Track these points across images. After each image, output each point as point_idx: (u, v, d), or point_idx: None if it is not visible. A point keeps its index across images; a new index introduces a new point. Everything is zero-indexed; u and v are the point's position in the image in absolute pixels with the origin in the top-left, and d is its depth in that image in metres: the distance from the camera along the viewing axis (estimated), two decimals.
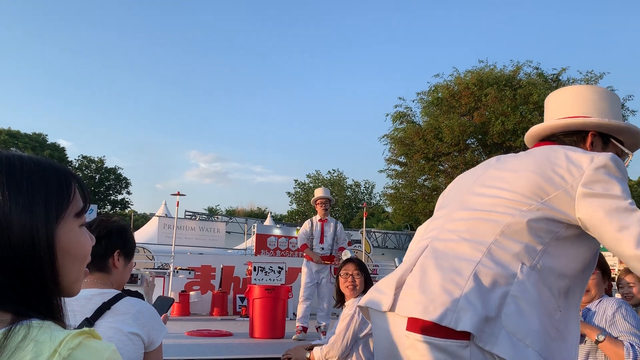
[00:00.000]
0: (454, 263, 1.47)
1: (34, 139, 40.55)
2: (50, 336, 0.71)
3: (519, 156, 1.68)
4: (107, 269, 1.96)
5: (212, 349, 6.05)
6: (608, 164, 1.50)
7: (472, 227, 1.53)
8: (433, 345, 1.37)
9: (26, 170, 0.82)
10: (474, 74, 23.97)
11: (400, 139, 25.05)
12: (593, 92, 1.81)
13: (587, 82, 23.08)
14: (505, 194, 1.55)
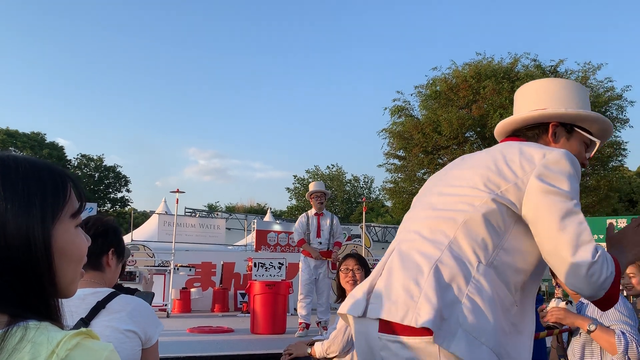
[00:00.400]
0: (416, 263, 1.50)
1: (33, 138, 40.49)
2: (48, 337, 0.71)
3: (480, 153, 1.72)
4: (101, 267, 1.96)
5: (214, 345, 6.07)
6: (560, 160, 1.52)
7: (433, 227, 1.56)
8: (403, 344, 1.41)
9: (21, 171, 0.82)
10: (472, 66, 23.93)
11: (399, 132, 25.03)
12: (554, 84, 1.83)
13: (585, 73, 23.06)
14: (461, 191, 1.58)
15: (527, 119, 1.77)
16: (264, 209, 45.29)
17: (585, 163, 1.80)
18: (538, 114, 1.75)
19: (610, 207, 25.06)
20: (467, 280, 1.44)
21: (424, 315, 1.37)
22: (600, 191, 23.22)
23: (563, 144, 1.76)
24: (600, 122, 1.79)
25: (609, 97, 22.82)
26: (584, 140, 1.78)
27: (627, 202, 32.86)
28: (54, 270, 0.81)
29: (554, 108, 1.75)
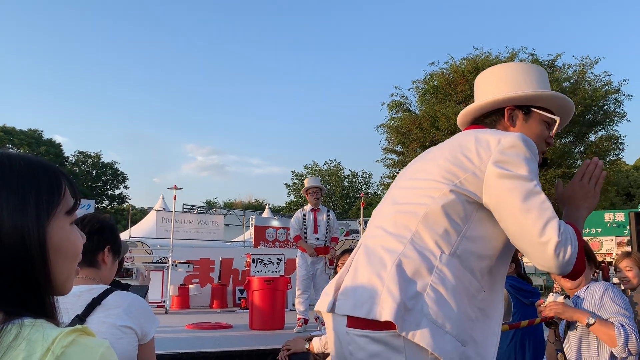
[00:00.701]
0: (380, 257, 1.53)
1: (30, 135, 40.39)
2: (43, 334, 0.71)
3: (440, 145, 1.74)
4: (96, 264, 1.96)
5: (212, 341, 6.07)
6: (516, 144, 1.53)
7: (396, 221, 1.59)
8: (369, 338, 1.44)
9: (16, 169, 0.81)
10: (470, 61, 23.91)
11: (397, 128, 25.02)
12: (509, 68, 1.83)
13: (582, 67, 23.06)
14: (421, 184, 1.60)
15: (482, 107, 1.79)
16: (262, 205, 45.30)
17: (549, 142, 1.82)
18: (491, 101, 1.76)
19: (607, 200, 25.13)
20: (431, 271, 1.47)
21: (387, 308, 1.40)
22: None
23: (521, 126, 1.77)
24: (557, 99, 1.79)
25: (607, 91, 22.82)
26: (544, 119, 1.79)
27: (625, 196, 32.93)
28: (49, 268, 0.81)
29: (506, 92, 1.76)
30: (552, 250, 1.44)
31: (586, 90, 22.64)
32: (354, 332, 1.48)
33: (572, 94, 22.65)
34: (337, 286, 1.61)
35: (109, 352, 0.75)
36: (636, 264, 4.02)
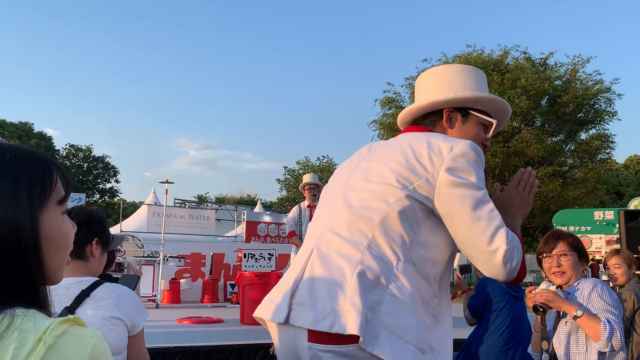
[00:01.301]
0: (338, 266, 1.48)
1: (20, 128, 40.07)
2: (35, 324, 0.71)
3: (387, 145, 1.71)
4: (84, 256, 1.96)
5: (203, 335, 6.07)
6: (467, 152, 1.55)
7: (351, 226, 1.54)
8: (335, 353, 1.39)
9: (7, 158, 0.81)
10: (462, 58, 23.95)
11: (389, 124, 25.04)
12: (449, 70, 1.85)
13: (574, 65, 23.16)
14: (375, 187, 1.58)
15: (422, 107, 1.79)
16: (254, 200, 45.20)
17: (486, 144, 1.83)
18: (430, 102, 1.77)
19: (597, 199, 25.29)
20: (388, 280, 1.45)
21: (350, 321, 1.35)
22: (588, 183, 23.39)
23: (459, 128, 1.78)
24: (494, 102, 1.81)
25: (598, 89, 22.93)
26: (481, 122, 1.80)
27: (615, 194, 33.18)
28: (42, 257, 0.81)
29: (445, 94, 1.77)
30: (500, 258, 1.47)
31: (577, 89, 22.75)
32: (318, 347, 1.42)
33: (563, 93, 22.76)
34: (291, 293, 1.51)
35: (101, 343, 0.75)
36: (625, 261, 4.06)
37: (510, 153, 22.26)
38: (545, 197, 22.42)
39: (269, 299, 1.60)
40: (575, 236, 2.82)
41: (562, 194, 22.34)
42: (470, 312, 3.81)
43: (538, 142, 21.84)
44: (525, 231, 32.75)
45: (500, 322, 3.56)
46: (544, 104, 23.77)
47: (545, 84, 22.26)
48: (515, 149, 22.02)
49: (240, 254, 8.43)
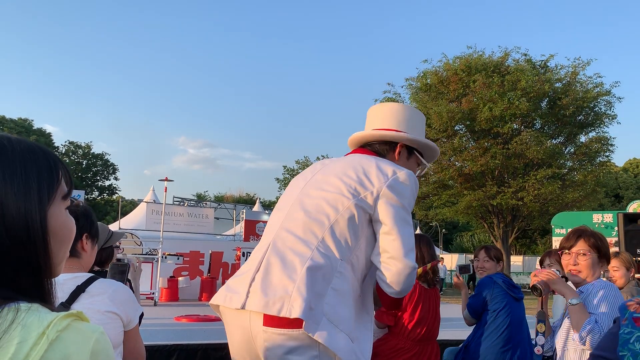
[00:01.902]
0: (290, 260, 1.72)
1: (20, 124, 40.06)
2: (38, 318, 0.71)
3: (340, 161, 1.99)
4: (76, 253, 1.96)
5: (201, 334, 6.08)
6: (406, 179, 1.86)
7: (305, 227, 1.79)
8: (286, 335, 1.61)
9: (18, 152, 0.81)
10: (463, 60, 23.96)
11: None
12: (405, 110, 2.18)
13: (575, 68, 23.17)
14: (328, 195, 1.83)
15: (384, 136, 2.08)
16: (253, 199, 45.20)
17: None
18: (394, 135, 2.08)
19: (596, 201, 25.30)
20: (332, 276, 1.70)
21: (296, 307, 1.58)
22: (587, 186, 23.40)
23: (404, 162, 2.10)
24: (432, 150, 2.17)
25: (598, 92, 22.95)
26: (418, 162, 2.16)
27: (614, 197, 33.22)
28: (49, 252, 0.81)
29: (407, 132, 2.10)
30: (408, 271, 1.76)
31: (578, 92, 22.76)
32: (272, 330, 1.61)
33: (564, 95, 22.78)
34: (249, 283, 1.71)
35: (103, 338, 0.75)
36: (623, 264, 4.06)
37: (509, 155, 22.27)
38: (544, 199, 22.44)
39: (226, 288, 1.79)
40: (599, 235, 2.72)
41: (561, 196, 22.36)
42: (470, 312, 3.82)
43: (537, 144, 21.84)
44: (523, 233, 32.79)
45: (499, 323, 3.58)
46: (544, 106, 23.78)
47: (545, 86, 22.27)
48: (515, 151, 22.03)
49: (239, 252, 8.43)
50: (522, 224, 25.39)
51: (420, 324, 3.31)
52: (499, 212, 24.24)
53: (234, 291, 1.74)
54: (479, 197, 22.81)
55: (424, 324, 3.32)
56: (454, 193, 24.17)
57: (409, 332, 3.31)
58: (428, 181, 24.83)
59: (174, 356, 5.09)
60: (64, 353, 0.70)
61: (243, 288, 1.71)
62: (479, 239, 36.99)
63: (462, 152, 23.08)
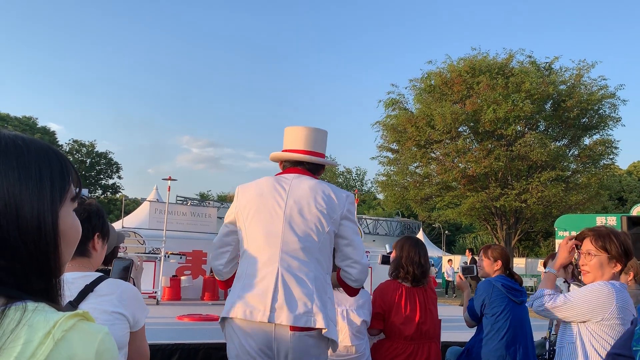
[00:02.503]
0: (302, 280, 2.32)
1: (24, 122, 40.17)
2: (44, 318, 0.71)
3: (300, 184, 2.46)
4: (87, 253, 1.96)
5: (203, 333, 6.08)
6: (353, 201, 2.54)
7: (302, 251, 2.35)
8: (311, 336, 2.29)
9: (33, 152, 0.81)
10: (467, 61, 23.93)
11: (392, 126, 25.03)
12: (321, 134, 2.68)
13: (579, 70, 23.13)
14: (310, 224, 2.37)
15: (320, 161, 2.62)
16: None
17: None
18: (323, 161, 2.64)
19: (600, 204, 25.23)
20: (326, 287, 2.39)
21: (319, 319, 2.27)
22: (590, 189, 23.34)
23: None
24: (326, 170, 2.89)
25: (602, 95, 22.89)
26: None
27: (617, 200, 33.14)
28: (59, 253, 0.81)
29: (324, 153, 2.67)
30: (365, 270, 2.50)
31: (582, 94, 22.71)
32: (300, 333, 2.26)
33: (568, 97, 22.72)
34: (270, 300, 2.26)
35: (108, 338, 0.76)
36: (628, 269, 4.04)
37: (513, 157, 22.23)
38: (547, 201, 22.39)
39: (244, 303, 2.29)
40: (609, 235, 2.61)
41: (565, 198, 22.30)
42: (469, 314, 3.81)
43: (541, 147, 21.80)
44: (527, 235, 32.73)
45: (499, 327, 3.55)
46: (548, 108, 23.74)
47: (549, 88, 22.22)
48: (519, 153, 21.99)
49: None
50: (525, 226, 25.34)
51: (408, 323, 3.33)
52: (502, 214, 24.20)
53: (253, 307, 2.27)
54: (482, 199, 22.78)
55: (412, 323, 3.32)
56: (457, 194, 24.14)
57: (399, 331, 3.33)
58: (431, 182, 24.81)
59: (175, 355, 5.09)
60: (70, 353, 0.70)
61: (266, 305, 2.26)
62: (482, 241, 36.94)
63: (465, 153, 23.04)
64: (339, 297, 3.32)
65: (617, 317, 2.43)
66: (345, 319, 3.31)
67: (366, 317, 3.36)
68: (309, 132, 2.63)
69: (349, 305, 3.34)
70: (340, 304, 3.33)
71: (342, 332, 3.29)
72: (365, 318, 3.34)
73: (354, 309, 3.33)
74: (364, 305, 3.37)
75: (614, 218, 17.06)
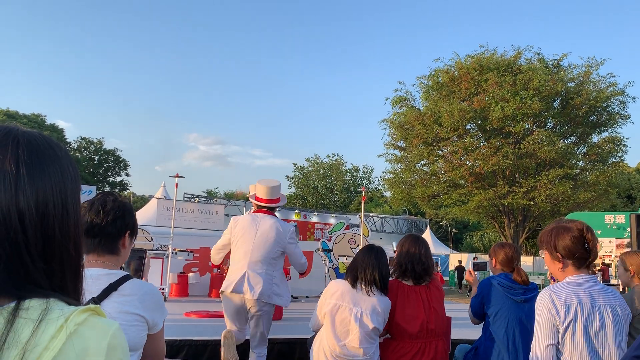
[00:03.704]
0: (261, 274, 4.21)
1: (33, 119, 40.39)
2: (58, 311, 0.72)
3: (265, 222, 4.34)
4: (117, 250, 1.95)
5: (210, 330, 6.10)
6: (293, 230, 4.45)
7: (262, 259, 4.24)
8: (268, 304, 4.22)
9: (63, 151, 0.82)
10: (475, 58, 23.85)
11: (400, 123, 25.00)
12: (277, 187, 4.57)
13: (588, 67, 22.99)
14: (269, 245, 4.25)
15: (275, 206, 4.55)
16: None
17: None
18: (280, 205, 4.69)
19: (608, 202, 25.09)
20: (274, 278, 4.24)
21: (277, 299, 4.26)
22: (599, 186, 23.23)
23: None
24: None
25: (611, 92, 22.76)
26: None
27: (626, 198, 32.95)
28: (81, 250, 0.82)
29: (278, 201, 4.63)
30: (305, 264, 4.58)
31: (591, 91, 22.58)
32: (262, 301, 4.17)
33: (576, 95, 22.60)
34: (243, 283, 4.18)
35: (119, 332, 0.76)
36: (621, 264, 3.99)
37: (521, 154, 22.15)
38: (555, 199, 22.30)
39: (228, 285, 4.24)
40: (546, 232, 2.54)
41: (573, 196, 22.21)
42: (472, 312, 3.79)
43: (549, 144, 21.70)
44: (534, 233, 32.56)
45: (498, 326, 3.49)
46: (556, 105, 23.62)
47: (558, 86, 22.12)
48: (527, 151, 21.90)
49: None
50: (533, 224, 25.25)
51: (412, 322, 3.30)
52: (510, 211, 24.13)
53: (236, 285, 4.18)
54: (489, 197, 22.71)
55: (417, 321, 3.30)
56: (465, 192, 24.08)
57: (404, 331, 3.30)
58: (439, 180, 24.76)
59: (183, 352, 5.12)
60: (82, 347, 0.71)
61: (241, 286, 4.16)
62: (490, 239, 36.84)
63: (473, 151, 22.98)
64: (358, 298, 3.28)
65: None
66: (358, 321, 3.24)
67: (379, 325, 3.28)
68: (269, 189, 4.51)
69: (364, 307, 3.27)
70: (357, 304, 3.27)
71: (352, 333, 3.25)
72: (377, 325, 3.27)
73: (368, 312, 3.25)
74: (381, 312, 3.30)
75: (622, 216, 16.97)
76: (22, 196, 0.74)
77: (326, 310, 3.33)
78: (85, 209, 1.92)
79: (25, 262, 0.74)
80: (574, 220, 2.64)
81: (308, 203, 50.67)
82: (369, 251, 3.48)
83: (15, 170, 0.75)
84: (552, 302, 2.38)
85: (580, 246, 2.48)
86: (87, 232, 1.89)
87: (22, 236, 0.73)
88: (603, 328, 2.39)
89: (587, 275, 2.49)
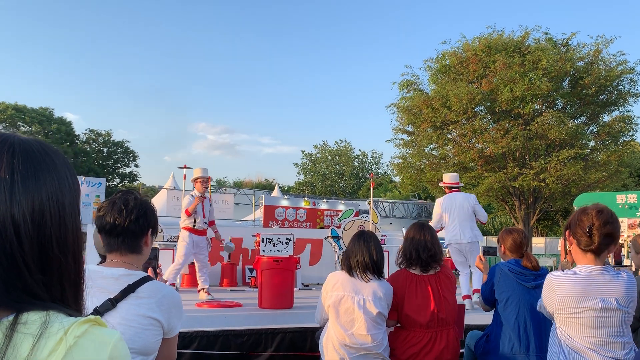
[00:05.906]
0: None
1: (41, 113, 40.54)
2: (57, 324, 0.71)
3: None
4: (139, 249, 1.93)
5: (222, 320, 6.14)
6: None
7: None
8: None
9: (60, 157, 0.81)
10: (482, 40, 23.60)
11: (408, 107, 24.86)
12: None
13: (598, 46, 22.68)
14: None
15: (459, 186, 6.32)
16: (272, 185, 45.38)
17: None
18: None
19: (620, 182, 24.89)
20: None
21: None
22: (610, 166, 23.03)
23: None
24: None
25: (622, 70, 22.46)
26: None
27: (638, 177, 32.61)
28: (81, 260, 0.81)
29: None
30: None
31: (601, 70, 22.30)
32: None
33: (586, 74, 22.34)
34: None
35: (121, 344, 0.75)
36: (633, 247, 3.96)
37: (531, 136, 21.98)
38: (566, 180, 22.14)
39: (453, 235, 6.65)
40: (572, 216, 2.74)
41: (584, 177, 22.04)
42: (482, 298, 3.76)
43: (559, 125, 21.51)
44: (545, 215, 32.45)
45: (509, 312, 3.45)
46: (565, 85, 23.37)
47: (567, 65, 21.86)
48: (536, 132, 21.73)
49: (258, 238, 8.48)
50: (544, 205, 25.12)
51: (422, 312, 3.28)
52: (521, 194, 24.01)
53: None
54: (500, 179, 22.60)
55: (426, 311, 3.27)
56: (475, 175, 23.98)
57: (414, 321, 3.29)
58: (448, 164, 24.65)
59: (195, 343, 5.14)
60: (82, 358, 0.70)
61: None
62: (500, 222, 36.73)
63: (482, 133, 22.83)
64: (358, 286, 3.28)
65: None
66: (362, 308, 3.25)
67: (383, 310, 3.28)
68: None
69: (366, 294, 3.28)
70: (359, 292, 3.29)
71: (358, 321, 3.26)
72: (381, 310, 3.27)
73: (371, 299, 3.26)
74: (383, 297, 3.30)
75: (634, 195, 16.84)
76: (17, 206, 0.72)
77: (330, 302, 3.33)
78: (106, 208, 1.91)
79: (22, 273, 0.72)
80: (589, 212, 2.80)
81: (317, 190, 50.69)
82: (358, 238, 3.47)
83: (10, 179, 0.73)
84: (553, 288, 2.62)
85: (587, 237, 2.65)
86: (110, 231, 1.89)
87: (17, 247, 0.72)
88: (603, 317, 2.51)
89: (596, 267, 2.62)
